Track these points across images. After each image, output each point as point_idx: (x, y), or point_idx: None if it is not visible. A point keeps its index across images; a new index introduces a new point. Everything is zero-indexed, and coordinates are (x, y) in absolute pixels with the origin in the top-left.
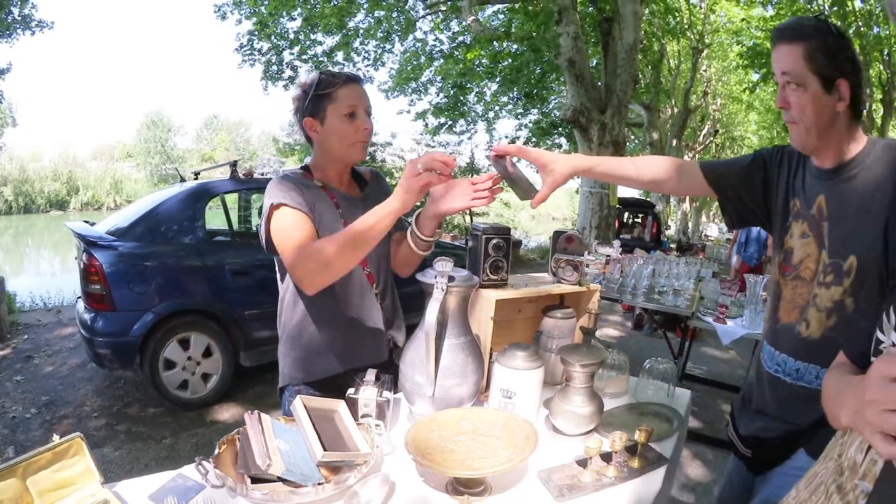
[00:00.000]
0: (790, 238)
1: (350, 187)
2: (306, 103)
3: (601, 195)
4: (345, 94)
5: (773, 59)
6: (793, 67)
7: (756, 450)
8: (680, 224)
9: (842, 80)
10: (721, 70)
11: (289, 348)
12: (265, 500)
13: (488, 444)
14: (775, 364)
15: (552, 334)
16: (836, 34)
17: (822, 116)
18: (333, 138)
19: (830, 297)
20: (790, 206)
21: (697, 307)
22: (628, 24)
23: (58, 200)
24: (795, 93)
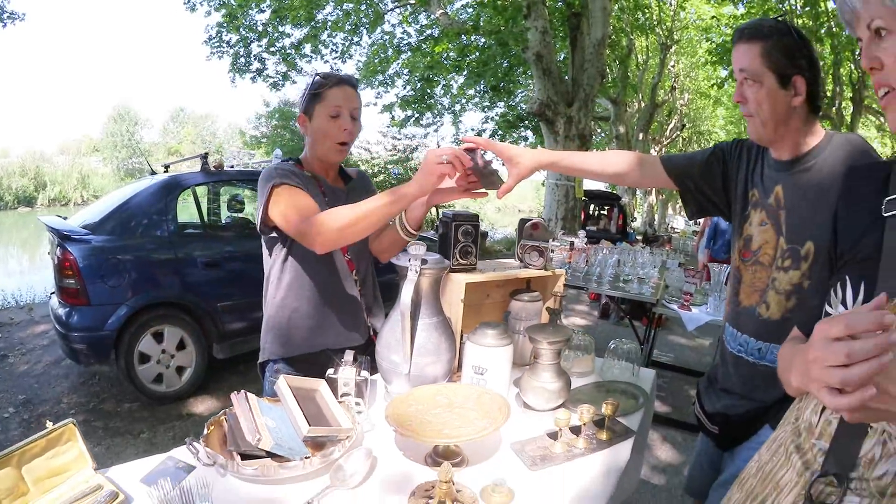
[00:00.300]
0: (749, 226)
1: (336, 181)
2: (303, 100)
3: (567, 187)
4: (333, 95)
5: (732, 56)
6: (750, 65)
7: (723, 426)
8: (646, 216)
9: (798, 76)
10: (689, 66)
11: (271, 325)
12: (255, 475)
13: (463, 415)
14: (738, 344)
15: (520, 316)
16: (794, 34)
17: (777, 110)
18: (318, 136)
19: (789, 280)
20: (749, 195)
21: (662, 295)
22: (597, 20)
23: (25, 197)
24: (752, 88)
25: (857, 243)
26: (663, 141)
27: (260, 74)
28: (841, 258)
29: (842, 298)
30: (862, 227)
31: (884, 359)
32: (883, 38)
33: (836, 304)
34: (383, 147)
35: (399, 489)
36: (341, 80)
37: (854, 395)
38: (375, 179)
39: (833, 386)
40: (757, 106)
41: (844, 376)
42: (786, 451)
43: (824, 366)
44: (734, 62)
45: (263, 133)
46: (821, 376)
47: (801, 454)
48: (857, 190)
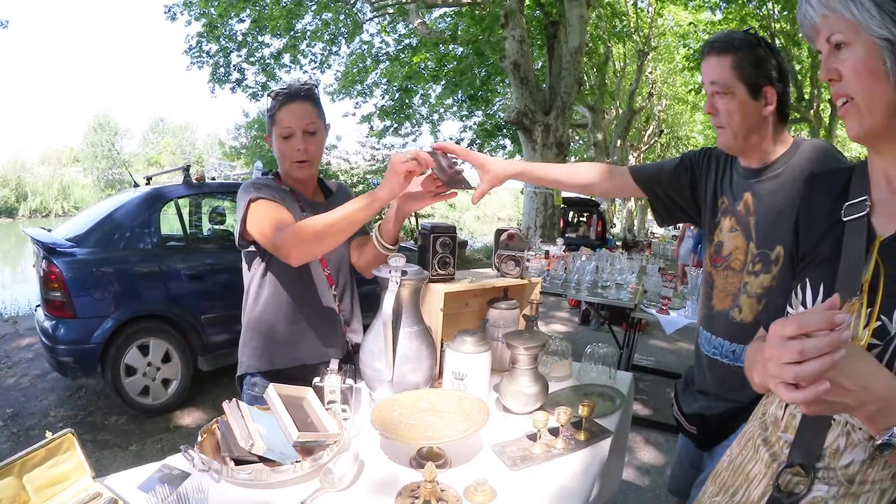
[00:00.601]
0: (720, 232)
1: (315, 194)
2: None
3: (545, 195)
4: (283, 117)
5: (702, 69)
6: (721, 77)
7: (700, 427)
8: (625, 222)
9: (768, 87)
10: (667, 72)
11: (249, 338)
12: (249, 479)
13: (445, 418)
14: (713, 347)
15: (497, 324)
16: (763, 46)
17: (748, 121)
18: (278, 157)
19: (760, 283)
20: (718, 203)
21: (640, 300)
22: (574, 28)
23: (6, 207)
24: (723, 100)
25: (816, 246)
26: (641, 147)
27: (239, 85)
28: (802, 260)
29: (802, 300)
30: (822, 231)
31: (836, 355)
32: (841, 50)
33: (797, 304)
34: (362, 157)
35: (386, 490)
36: (291, 96)
37: (808, 390)
38: (354, 189)
39: (788, 381)
40: (728, 117)
41: (798, 372)
42: (754, 445)
43: (780, 363)
44: (705, 75)
45: (243, 144)
46: (777, 373)
47: (768, 447)
48: (817, 194)
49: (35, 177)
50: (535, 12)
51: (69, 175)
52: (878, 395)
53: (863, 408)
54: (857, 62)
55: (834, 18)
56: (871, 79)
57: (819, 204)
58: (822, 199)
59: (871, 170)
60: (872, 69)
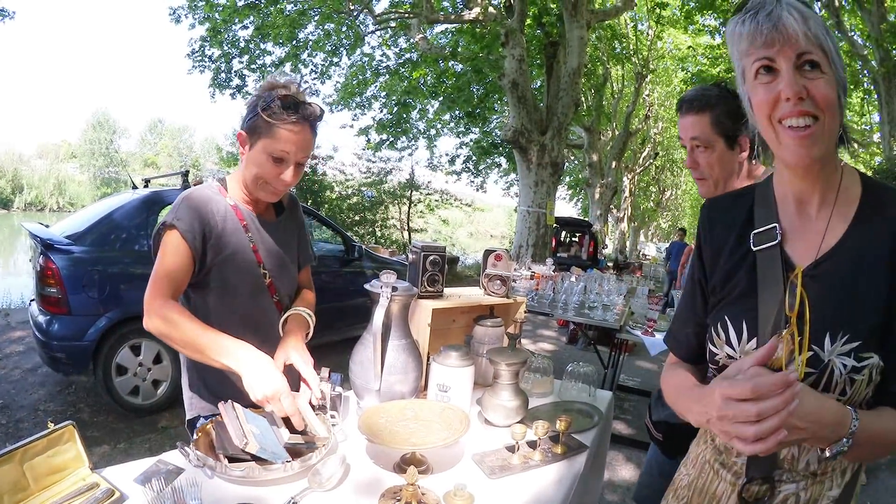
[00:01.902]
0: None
1: (266, 211)
2: (251, 113)
3: (538, 214)
4: (284, 136)
5: (680, 125)
6: (702, 133)
7: (666, 434)
8: (618, 243)
9: (743, 136)
10: (664, 95)
11: (196, 378)
12: (242, 476)
13: (428, 427)
14: None
15: (483, 340)
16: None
17: (726, 169)
18: (252, 169)
19: None
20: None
21: (627, 321)
22: (573, 49)
23: (2, 199)
24: (704, 154)
25: (728, 279)
26: (636, 169)
27: (240, 91)
28: (714, 293)
29: (726, 339)
30: (731, 262)
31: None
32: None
33: (721, 344)
34: (358, 169)
35: (370, 492)
36: (304, 118)
37: (769, 441)
38: (349, 201)
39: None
40: (709, 169)
41: (758, 431)
42: (712, 468)
43: (735, 422)
44: (683, 131)
45: None
46: (735, 431)
47: (727, 468)
48: (719, 222)
49: (32, 170)
50: (536, 32)
51: (66, 170)
52: (828, 423)
53: (815, 436)
54: (828, 89)
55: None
56: (834, 107)
57: (723, 232)
58: (726, 228)
59: (777, 194)
60: (834, 99)
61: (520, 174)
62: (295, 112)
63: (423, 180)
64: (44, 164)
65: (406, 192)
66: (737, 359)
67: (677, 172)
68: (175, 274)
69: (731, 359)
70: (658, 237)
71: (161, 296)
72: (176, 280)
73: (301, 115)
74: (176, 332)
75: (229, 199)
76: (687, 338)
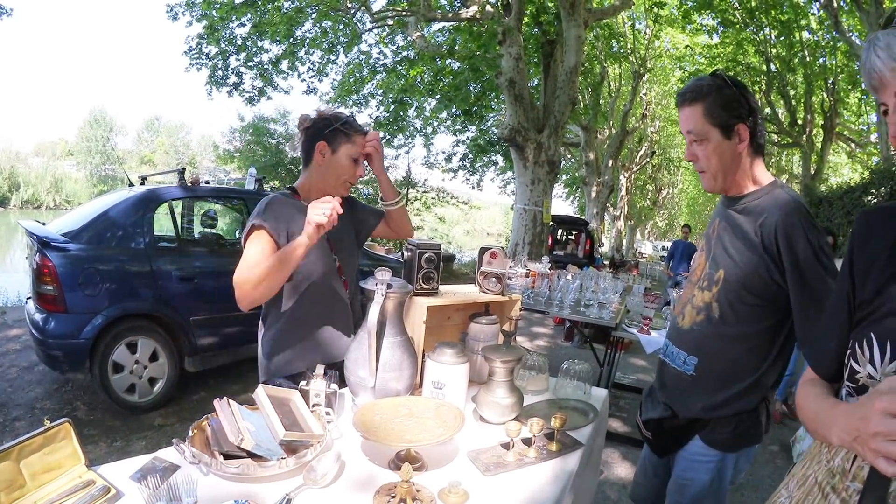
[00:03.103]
0: (697, 253)
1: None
2: (325, 128)
3: (535, 212)
4: (360, 142)
5: (679, 119)
6: (695, 125)
7: (655, 433)
8: (614, 241)
9: (740, 124)
10: (661, 94)
11: (272, 347)
12: (237, 472)
13: (423, 424)
14: (666, 349)
15: (478, 338)
16: (730, 85)
17: (724, 160)
18: (334, 170)
19: (702, 298)
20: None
21: (623, 319)
22: (571, 48)
23: None
24: (700, 146)
25: (877, 295)
26: (633, 167)
27: (237, 88)
28: (861, 308)
29: (870, 357)
30: (882, 278)
31: None
32: None
33: (865, 362)
34: None
35: (365, 488)
36: (367, 132)
37: None
38: None
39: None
40: (707, 161)
41: None
42: (821, 491)
43: (887, 439)
44: (682, 125)
45: (237, 147)
46: (883, 449)
47: (836, 493)
48: (875, 235)
49: (28, 168)
50: (533, 30)
51: (62, 168)
52: None
53: None
54: None
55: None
56: None
57: (877, 246)
58: (881, 242)
59: None
60: None
61: (516, 172)
62: (361, 128)
63: (419, 178)
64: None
65: (402, 189)
66: (878, 380)
67: (674, 171)
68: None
69: (871, 379)
70: (654, 235)
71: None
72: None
73: (365, 129)
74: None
75: (304, 201)
76: (828, 353)
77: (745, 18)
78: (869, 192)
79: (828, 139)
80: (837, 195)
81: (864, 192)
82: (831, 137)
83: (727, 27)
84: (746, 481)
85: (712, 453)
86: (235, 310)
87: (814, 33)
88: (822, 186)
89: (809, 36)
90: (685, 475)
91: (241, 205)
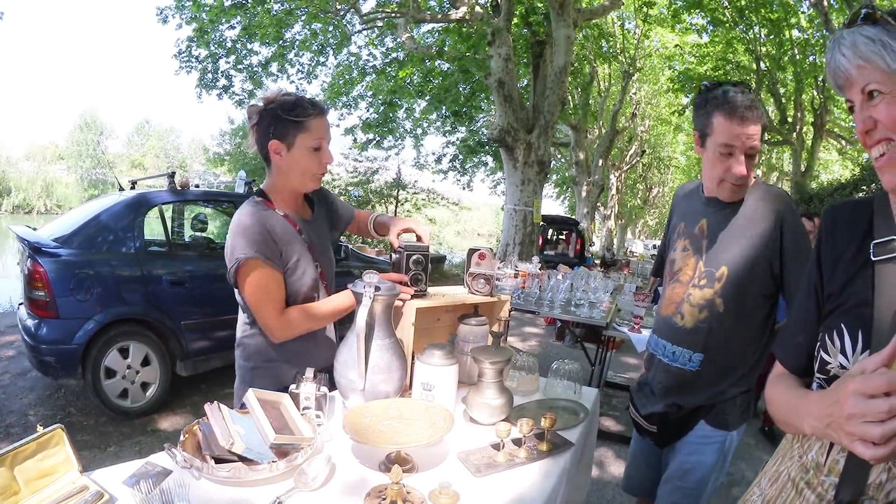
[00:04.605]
0: (673, 252)
1: (303, 209)
2: (273, 124)
3: (525, 213)
4: (315, 126)
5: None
6: (758, 143)
7: (661, 425)
8: (605, 240)
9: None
10: (651, 93)
11: (259, 360)
12: (228, 476)
13: (412, 425)
14: (658, 347)
15: (467, 339)
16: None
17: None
18: (296, 168)
19: (702, 296)
20: (678, 228)
21: (614, 318)
22: (560, 48)
23: None
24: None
25: (845, 287)
26: (623, 167)
27: (226, 91)
28: (829, 301)
29: (840, 347)
30: (850, 271)
31: None
32: (874, 98)
33: (835, 353)
34: (344, 169)
35: (355, 491)
36: (322, 109)
37: (889, 445)
38: None
39: (873, 440)
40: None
41: (884, 431)
42: (795, 487)
43: (862, 421)
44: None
45: (227, 150)
46: (860, 431)
47: (812, 489)
48: (840, 229)
49: (19, 172)
50: (523, 31)
51: (53, 172)
52: None
53: None
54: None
55: (869, 69)
56: None
57: (843, 239)
58: (846, 236)
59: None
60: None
61: (506, 173)
62: (312, 106)
63: (409, 179)
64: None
65: (393, 191)
66: (849, 370)
67: (664, 170)
68: (277, 293)
69: (843, 369)
70: (645, 234)
71: (277, 315)
72: (280, 294)
73: (319, 108)
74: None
75: (279, 210)
76: (797, 347)
77: (734, 17)
78: (859, 189)
79: (818, 136)
80: (828, 192)
81: (854, 188)
82: (821, 135)
83: (716, 26)
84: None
85: (717, 434)
86: (226, 313)
87: (803, 31)
88: (813, 183)
89: (799, 34)
90: (690, 459)
91: (232, 208)
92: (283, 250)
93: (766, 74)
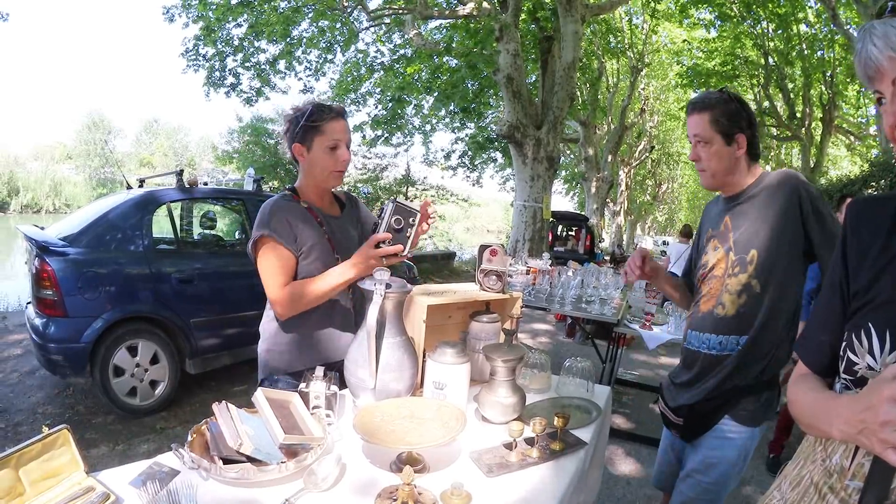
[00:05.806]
0: (706, 254)
1: (331, 207)
2: (297, 129)
3: (535, 209)
4: (331, 129)
5: (687, 124)
6: (702, 131)
7: (687, 418)
8: (614, 237)
9: (739, 134)
10: (659, 88)
11: (272, 343)
12: (236, 477)
13: (424, 425)
14: (700, 343)
15: (479, 336)
16: (735, 101)
17: (723, 163)
18: (316, 166)
19: (738, 281)
20: (706, 234)
21: (624, 315)
22: (568, 43)
23: None
24: (704, 149)
25: (872, 284)
26: (632, 163)
27: (234, 89)
28: (856, 298)
29: (868, 348)
30: (876, 267)
31: None
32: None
33: (863, 353)
34: (353, 165)
35: (366, 492)
36: (338, 113)
37: None
38: None
39: None
40: (707, 161)
41: None
42: (818, 491)
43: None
44: (689, 129)
45: (235, 148)
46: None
47: (835, 493)
48: (865, 223)
49: (27, 172)
50: (530, 26)
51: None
52: None
53: None
54: None
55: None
56: None
57: (868, 234)
58: (872, 230)
59: None
60: None
61: (515, 169)
62: (328, 111)
63: (418, 176)
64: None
65: (402, 187)
66: (877, 370)
67: (673, 166)
68: (283, 269)
69: (871, 370)
70: (655, 230)
71: (280, 287)
72: (286, 270)
73: (336, 112)
74: (305, 299)
75: (303, 202)
76: (821, 346)
77: (742, 12)
78: (869, 185)
79: (827, 132)
80: (837, 188)
81: (863, 184)
82: (830, 130)
83: (724, 21)
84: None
85: (741, 429)
86: (235, 311)
87: (811, 26)
88: (822, 179)
89: (807, 29)
90: (714, 454)
91: (240, 206)
92: (297, 235)
93: (775, 69)
